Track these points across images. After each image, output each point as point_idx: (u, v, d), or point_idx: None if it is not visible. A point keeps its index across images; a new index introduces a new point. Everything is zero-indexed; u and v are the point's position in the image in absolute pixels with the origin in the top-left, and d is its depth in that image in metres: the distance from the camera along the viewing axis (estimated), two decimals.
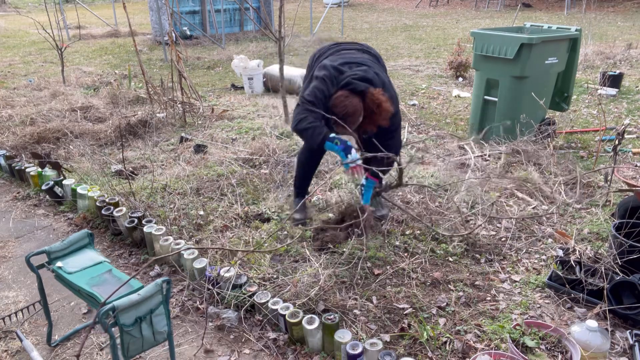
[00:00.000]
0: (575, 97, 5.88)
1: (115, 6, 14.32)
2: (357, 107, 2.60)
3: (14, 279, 2.81)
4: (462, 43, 7.95)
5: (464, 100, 6.05)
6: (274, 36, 4.91)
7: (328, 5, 15.44)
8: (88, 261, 2.13)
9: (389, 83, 2.78)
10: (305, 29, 12.83)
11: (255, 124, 5.00)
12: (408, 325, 2.26)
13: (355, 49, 2.94)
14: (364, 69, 2.69)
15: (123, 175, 3.84)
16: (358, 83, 2.63)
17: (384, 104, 2.61)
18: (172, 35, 5.72)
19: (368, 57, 2.87)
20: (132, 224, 3.01)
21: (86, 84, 6.97)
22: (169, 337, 1.91)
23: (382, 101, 2.60)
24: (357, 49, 2.95)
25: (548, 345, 2.08)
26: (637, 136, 4.58)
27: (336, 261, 2.69)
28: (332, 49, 2.96)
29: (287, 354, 2.19)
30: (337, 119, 2.56)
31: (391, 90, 2.76)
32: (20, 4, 21.50)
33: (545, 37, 3.98)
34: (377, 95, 2.60)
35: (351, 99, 2.60)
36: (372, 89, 2.62)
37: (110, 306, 1.66)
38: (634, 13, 14.64)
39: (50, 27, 6.72)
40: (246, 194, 3.54)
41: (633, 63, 7.55)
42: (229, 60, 8.20)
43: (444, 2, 20.04)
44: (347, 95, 2.61)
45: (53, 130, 4.84)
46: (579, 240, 2.91)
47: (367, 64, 2.76)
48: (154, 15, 10.79)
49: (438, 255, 2.81)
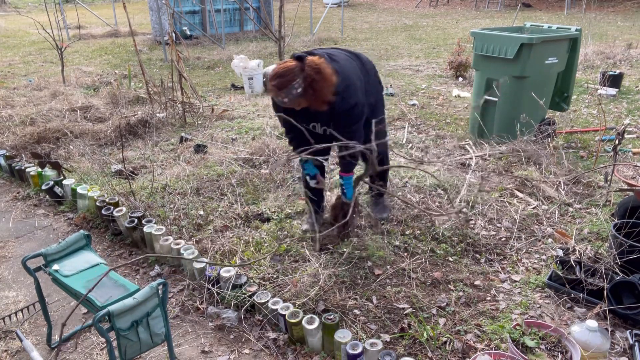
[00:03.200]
0: (575, 97, 5.87)
1: (115, 6, 14.32)
2: (290, 69, 2.37)
3: (14, 278, 2.81)
4: (462, 43, 7.95)
5: (464, 100, 6.05)
6: (274, 36, 4.91)
7: (328, 5, 15.43)
8: (85, 263, 2.12)
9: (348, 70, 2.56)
10: (305, 29, 12.83)
11: (255, 124, 5.00)
12: (408, 325, 2.26)
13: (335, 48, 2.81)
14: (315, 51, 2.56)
15: (123, 175, 3.84)
16: (296, 53, 2.48)
17: (325, 70, 2.39)
18: (172, 35, 5.72)
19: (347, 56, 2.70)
20: (132, 224, 3.01)
21: (86, 83, 6.97)
22: (167, 338, 1.91)
23: (323, 67, 2.39)
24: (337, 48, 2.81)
25: (548, 345, 2.08)
26: (637, 136, 4.58)
27: (336, 261, 2.69)
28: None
29: (287, 354, 2.19)
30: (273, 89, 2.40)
31: (347, 72, 2.53)
32: (20, 4, 21.50)
33: (545, 37, 3.97)
34: (316, 61, 2.40)
35: (287, 62, 2.42)
36: (312, 57, 2.43)
37: (105, 311, 1.66)
38: (634, 13, 14.64)
39: (50, 27, 6.72)
40: (246, 194, 3.54)
41: (633, 63, 7.55)
42: (229, 60, 8.19)
43: (444, 2, 20.04)
44: (284, 61, 2.45)
45: (53, 130, 4.84)
46: (579, 240, 2.91)
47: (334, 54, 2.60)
48: (154, 15, 10.79)
49: (438, 255, 2.80)
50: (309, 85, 2.38)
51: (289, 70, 2.37)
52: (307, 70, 2.36)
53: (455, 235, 2.98)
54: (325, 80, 2.39)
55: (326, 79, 2.39)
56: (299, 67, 2.38)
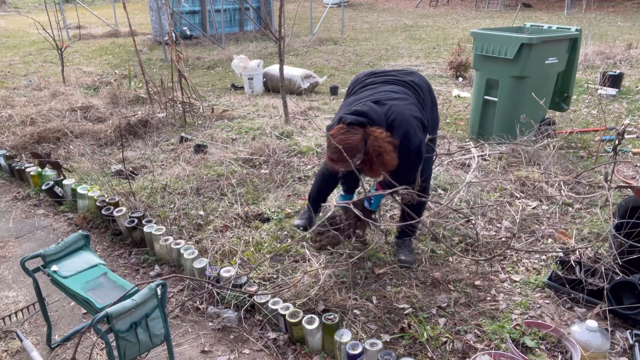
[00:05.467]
0: (575, 97, 5.87)
1: (116, 6, 14.32)
2: (353, 146, 2.23)
3: (14, 278, 2.81)
4: (462, 43, 7.95)
5: (464, 100, 6.05)
6: (274, 36, 4.91)
7: (328, 5, 15.43)
8: (83, 264, 2.12)
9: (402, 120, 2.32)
10: (305, 29, 12.83)
11: (255, 124, 5.00)
12: (408, 325, 2.26)
13: (382, 81, 2.55)
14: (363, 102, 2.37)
15: (123, 175, 3.84)
16: (346, 117, 2.29)
17: (386, 155, 2.23)
18: (172, 35, 5.72)
19: (394, 88, 2.48)
20: (132, 224, 3.01)
21: (86, 84, 6.97)
22: (166, 339, 1.91)
23: (384, 148, 2.23)
24: (384, 81, 2.55)
25: (548, 346, 2.09)
26: (637, 136, 4.58)
27: (336, 261, 2.69)
28: (359, 83, 2.64)
29: (287, 354, 2.19)
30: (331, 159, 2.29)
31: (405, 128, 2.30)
32: (20, 4, 21.50)
33: (545, 37, 3.97)
34: (379, 140, 2.23)
35: (350, 134, 2.25)
36: (374, 129, 2.26)
37: (103, 313, 1.66)
38: (634, 13, 14.64)
39: (50, 27, 6.72)
40: (246, 194, 3.54)
41: (633, 63, 7.55)
42: (229, 60, 8.20)
43: (444, 2, 20.04)
44: (347, 130, 2.26)
45: (53, 130, 4.84)
46: (579, 240, 2.91)
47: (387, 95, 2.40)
48: (154, 15, 10.79)
49: (438, 255, 2.81)
50: (368, 161, 2.28)
51: (353, 147, 2.23)
52: (369, 149, 2.24)
53: (456, 235, 2.98)
54: (384, 164, 2.27)
55: (386, 163, 2.27)
56: (363, 141, 2.24)
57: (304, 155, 4.22)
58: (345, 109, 2.43)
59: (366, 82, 2.60)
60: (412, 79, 2.56)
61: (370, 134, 2.24)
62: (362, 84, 2.60)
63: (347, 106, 2.44)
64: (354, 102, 2.43)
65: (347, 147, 2.21)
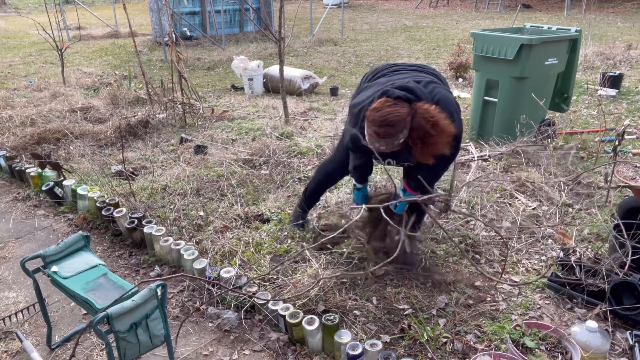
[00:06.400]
0: (575, 97, 5.88)
1: (116, 7, 14.32)
2: (402, 118, 2.04)
3: (14, 279, 2.81)
4: (462, 44, 7.95)
5: (464, 101, 6.05)
6: (274, 37, 4.91)
7: (328, 6, 15.43)
8: (83, 265, 2.12)
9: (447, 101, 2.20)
10: (305, 30, 12.83)
11: (255, 125, 5.00)
12: (408, 325, 2.26)
13: (411, 69, 2.46)
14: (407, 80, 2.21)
15: (123, 176, 3.84)
16: (393, 90, 2.12)
17: (442, 122, 2.05)
18: (172, 36, 5.72)
19: (426, 76, 2.38)
20: (132, 225, 3.01)
21: (86, 84, 6.98)
22: (166, 340, 1.91)
23: (439, 119, 2.05)
24: (413, 69, 2.46)
25: (548, 346, 2.09)
26: (637, 137, 4.58)
27: (336, 261, 2.69)
28: (386, 69, 2.51)
29: (287, 355, 2.19)
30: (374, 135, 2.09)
31: (449, 110, 2.16)
32: (20, 4, 21.51)
33: (545, 38, 3.98)
34: (431, 111, 2.06)
35: (398, 107, 2.06)
36: (423, 103, 2.10)
37: (104, 314, 1.66)
38: (633, 14, 14.64)
39: (50, 28, 6.73)
40: (246, 194, 3.54)
41: (633, 64, 7.55)
42: (229, 61, 8.20)
43: (444, 3, 20.05)
44: (393, 103, 2.07)
45: (53, 131, 4.84)
46: (579, 241, 2.91)
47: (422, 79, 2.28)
48: (154, 16, 10.80)
49: (438, 256, 2.81)
50: (419, 138, 2.08)
51: (401, 120, 2.04)
52: (421, 121, 2.05)
53: (456, 235, 2.98)
54: (442, 134, 2.07)
55: (444, 133, 2.07)
56: (410, 116, 2.07)
57: (304, 156, 4.22)
58: (378, 87, 2.24)
59: (395, 68, 2.47)
60: (435, 72, 2.50)
61: (418, 109, 2.08)
62: (391, 69, 2.46)
63: (379, 85, 2.26)
64: (388, 83, 2.25)
65: (397, 119, 2.03)
